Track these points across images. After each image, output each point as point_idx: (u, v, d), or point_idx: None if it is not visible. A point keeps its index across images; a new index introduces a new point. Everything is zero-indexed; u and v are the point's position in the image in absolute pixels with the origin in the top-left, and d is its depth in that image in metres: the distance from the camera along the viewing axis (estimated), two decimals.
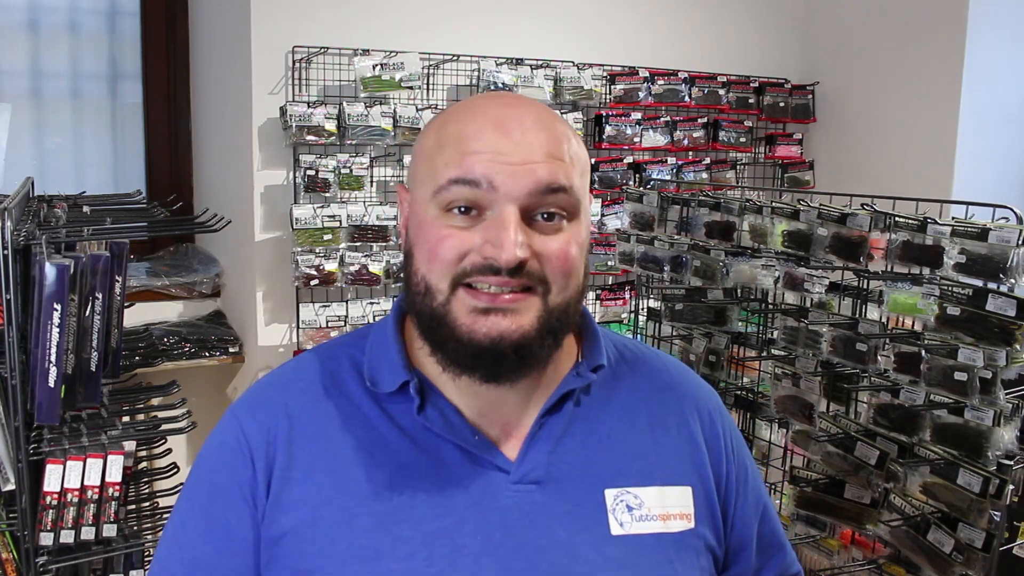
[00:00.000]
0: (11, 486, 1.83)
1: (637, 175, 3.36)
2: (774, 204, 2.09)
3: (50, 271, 1.74)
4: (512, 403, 0.90)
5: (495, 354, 0.82)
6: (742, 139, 3.58)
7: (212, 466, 0.92)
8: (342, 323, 2.86)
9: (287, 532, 0.86)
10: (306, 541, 0.85)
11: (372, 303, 2.92)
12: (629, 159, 3.34)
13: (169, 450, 2.31)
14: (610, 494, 0.89)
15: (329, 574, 0.84)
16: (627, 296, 3.40)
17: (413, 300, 0.87)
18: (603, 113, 3.26)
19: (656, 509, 0.90)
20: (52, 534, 1.83)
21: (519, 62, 3.08)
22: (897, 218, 1.78)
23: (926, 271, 1.73)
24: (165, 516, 2.20)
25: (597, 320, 3.20)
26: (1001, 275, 1.60)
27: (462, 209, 0.83)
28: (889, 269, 1.81)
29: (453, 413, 0.89)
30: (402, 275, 0.93)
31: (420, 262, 0.86)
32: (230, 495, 0.89)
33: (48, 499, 1.82)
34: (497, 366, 0.83)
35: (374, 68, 2.81)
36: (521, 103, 0.89)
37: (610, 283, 3.44)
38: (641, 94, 3.33)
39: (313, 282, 2.80)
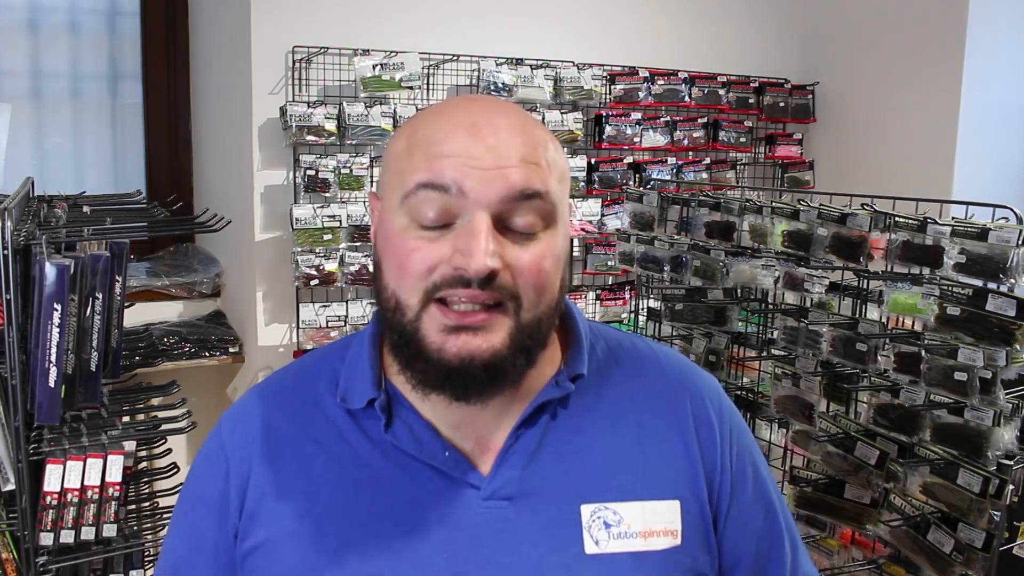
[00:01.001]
0: (11, 486, 1.83)
1: (637, 175, 3.36)
2: (774, 204, 2.09)
3: (50, 271, 1.74)
4: (487, 416, 0.87)
5: (465, 375, 0.79)
6: (742, 139, 3.58)
7: (196, 475, 0.95)
8: (342, 323, 2.86)
9: (259, 546, 0.87)
10: (275, 557, 0.86)
11: (372, 303, 2.92)
12: (629, 159, 3.34)
13: (169, 450, 2.31)
14: (586, 510, 0.85)
15: None
16: (627, 296, 3.40)
17: (384, 315, 0.84)
18: (603, 113, 3.26)
19: (637, 526, 0.85)
20: (52, 534, 1.83)
21: (519, 62, 3.08)
22: (897, 218, 1.78)
23: (926, 271, 1.74)
24: (165, 516, 2.20)
25: (597, 320, 3.20)
26: (1001, 275, 1.60)
27: (431, 218, 0.79)
28: (889, 269, 1.81)
29: (423, 429, 0.87)
30: (373, 287, 0.90)
31: (389, 277, 0.82)
32: (206, 505, 0.91)
33: (48, 499, 1.82)
34: (467, 386, 0.80)
35: (374, 68, 2.81)
36: (496, 107, 0.85)
37: (610, 283, 3.44)
38: (641, 94, 3.33)
39: (313, 282, 2.80)
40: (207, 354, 2.87)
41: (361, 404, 0.88)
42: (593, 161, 3.28)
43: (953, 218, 1.72)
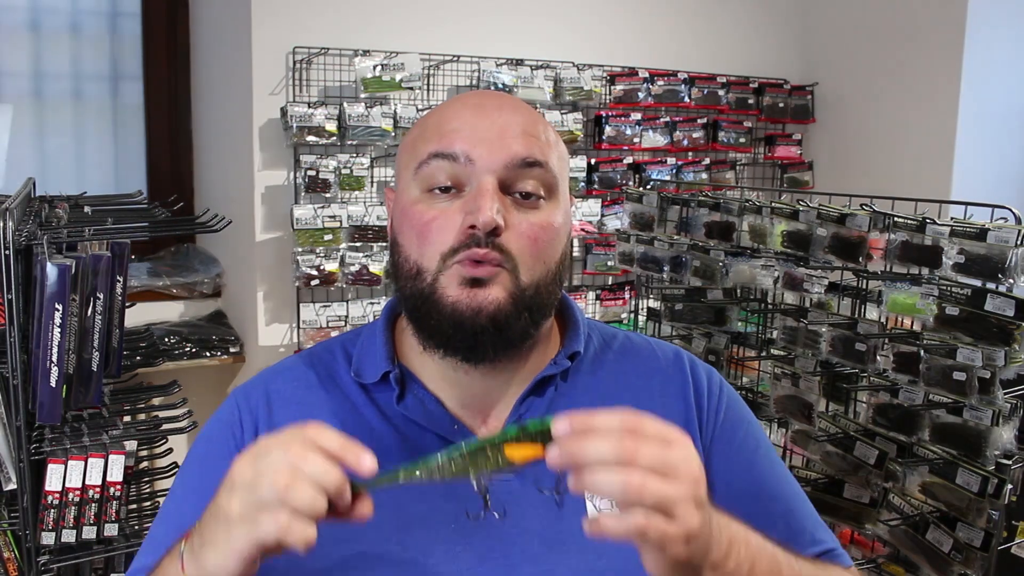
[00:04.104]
0: (13, 485, 1.83)
1: (637, 175, 3.37)
2: (773, 204, 2.10)
3: (51, 271, 1.75)
4: (493, 392, 0.92)
5: (474, 328, 0.84)
6: (741, 139, 3.59)
7: (206, 437, 0.96)
8: (343, 323, 2.87)
9: None
10: None
11: (372, 303, 2.93)
12: (629, 159, 3.35)
13: (170, 450, 2.31)
14: None
15: (303, 555, 0.85)
16: (627, 296, 3.40)
17: (403, 285, 0.89)
18: (603, 114, 3.27)
19: None
20: (54, 533, 1.84)
21: (519, 63, 3.08)
22: (896, 218, 1.79)
23: (925, 271, 1.74)
24: None
25: (597, 320, 3.20)
26: (1000, 275, 1.60)
27: (443, 188, 0.86)
28: (888, 269, 1.82)
29: (434, 403, 0.91)
30: (390, 268, 0.95)
31: (410, 247, 0.88)
32: (218, 461, 0.91)
33: (50, 498, 1.83)
34: (475, 340, 0.85)
35: (374, 69, 2.82)
36: (503, 95, 0.94)
37: (610, 283, 3.45)
38: (641, 95, 3.33)
39: (314, 282, 2.80)
40: (208, 354, 2.88)
41: (375, 378, 0.92)
42: (593, 161, 3.28)
43: (952, 218, 1.73)
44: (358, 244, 2.87)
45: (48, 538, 1.84)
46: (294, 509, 0.67)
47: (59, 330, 1.78)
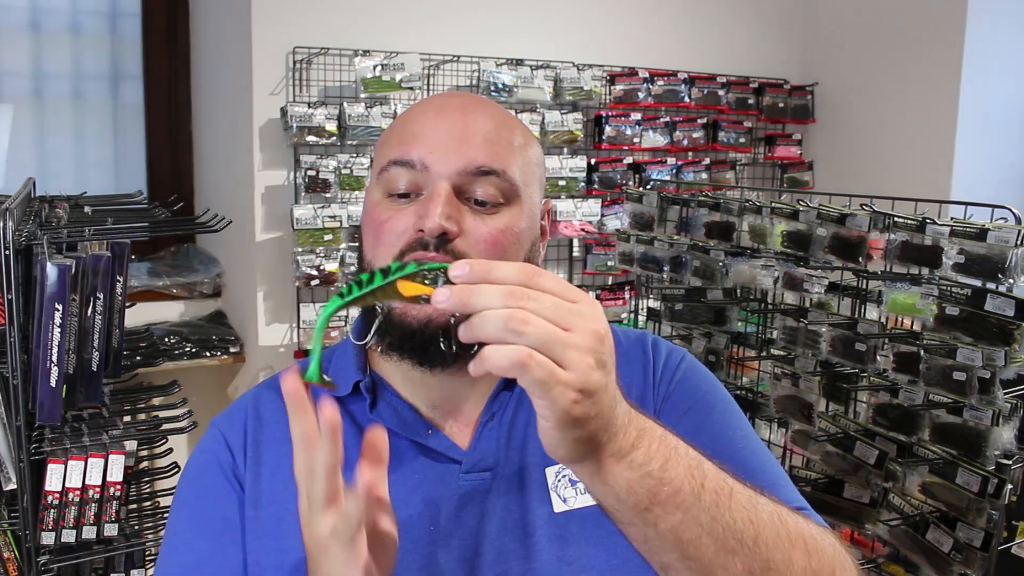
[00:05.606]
0: (13, 485, 1.83)
1: (637, 175, 3.37)
2: (773, 204, 2.10)
3: (51, 271, 1.75)
4: (462, 393, 0.92)
5: (423, 337, 0.84)
6: (741, 140, 3.59)
7: (197, 471, 0.95)
8: (343, 323, 2.87)
9: (257, 523, 0.89)
10: (271, 537, 0.87)
11: None
12: (629, 159, 3.35)
13: (170, 450, 2.31)
14: (551, 472, 0.89)
15: (287, 570, 0.85)
16: (627, 296, 3.40)
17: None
18: (603, 114, 3.27)
19: None
20: (54, 533, 1.83)
21: (519, 63, 3.08)
22: (896, 218, 1.79)
23: (925, 271, 1.74)
24: (166, 515, 2.20)
25: None
26: (1000, 275, 1.61)
27: (401, 195, 0.87)
28: (888, 269, 1.82)
29: (406, 409, 0.92)
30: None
31: (367, 248, 0.89)
32: (218, 491, 0.91)
33: (50, 498, 1.83)
34: (425, 349, 0.85)
35: (374, 69, 2.82)
36: (470, 97, 0.94)
37: (610, 283, 3.45)
38: (641, 95, 3.33)
39: (314, 282, 2.80)
40: (208, 354, 2.88)
41: (347, 389, 0.93)
42: (593, 162, 3.28)
43: (952, 218, 1.73)
44: (358, 244, 2.87)
45: (48, 538, 1.83)
46: (322, 502, 0.71)
47: (59, 330, 1.78)
